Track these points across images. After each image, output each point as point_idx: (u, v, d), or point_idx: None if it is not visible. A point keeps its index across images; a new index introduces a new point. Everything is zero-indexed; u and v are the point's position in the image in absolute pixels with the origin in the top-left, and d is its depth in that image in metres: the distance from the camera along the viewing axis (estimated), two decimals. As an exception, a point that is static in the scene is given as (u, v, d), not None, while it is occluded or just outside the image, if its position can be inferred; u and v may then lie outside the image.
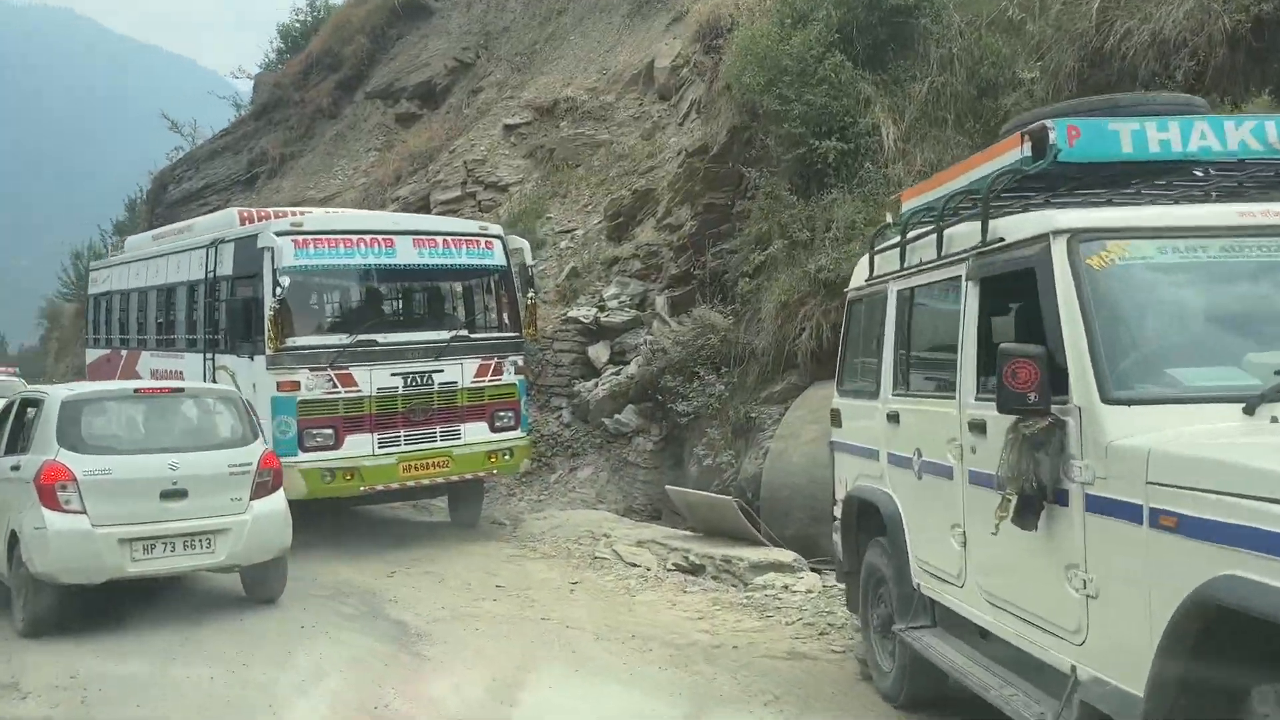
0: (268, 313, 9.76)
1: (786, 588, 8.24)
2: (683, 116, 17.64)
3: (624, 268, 15.48)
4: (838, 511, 6.45)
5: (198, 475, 7.52)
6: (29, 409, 8.11)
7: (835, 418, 6.58)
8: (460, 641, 7.10)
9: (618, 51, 20.03)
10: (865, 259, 6.35)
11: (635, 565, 9.31)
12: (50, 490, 7.13)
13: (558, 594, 8.45)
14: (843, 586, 6.75)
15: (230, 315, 10.46)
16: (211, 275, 11.27)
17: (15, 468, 7.68)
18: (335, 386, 10.01)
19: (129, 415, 8.13)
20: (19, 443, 7.99)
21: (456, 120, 21.49)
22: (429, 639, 7.13)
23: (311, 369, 9.92)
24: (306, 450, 9.89)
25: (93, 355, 16.02)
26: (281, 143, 24.52)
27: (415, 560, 9.89)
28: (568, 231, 17.05)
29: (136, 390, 8.66)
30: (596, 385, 14.00)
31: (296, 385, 9.90)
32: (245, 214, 11.75)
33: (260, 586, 8.12)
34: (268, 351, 9.90)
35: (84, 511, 7.14)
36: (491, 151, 19.57)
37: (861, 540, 6.10)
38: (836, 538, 6.48)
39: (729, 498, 9.71)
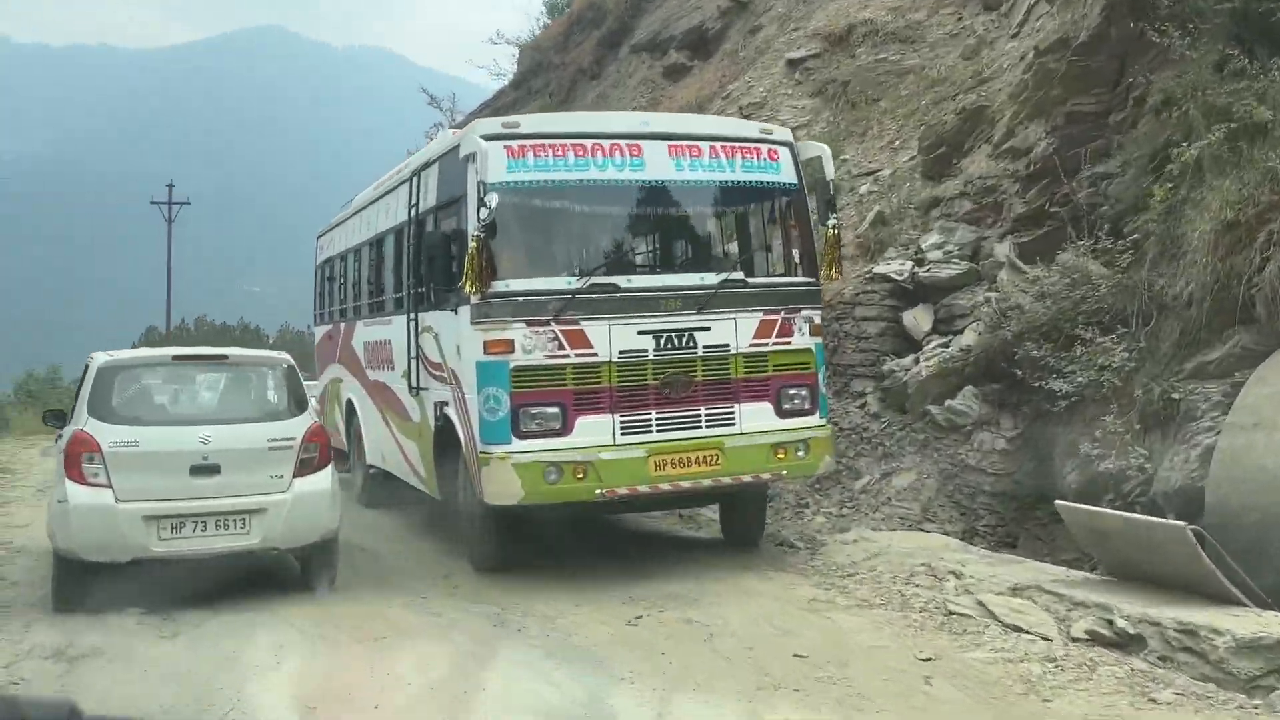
0: (470, 244, 7.00)
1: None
2: (1017, 25, 13.63)
3: (948, 210, 11.76)
4: None
5: (232, 449, 6.89)
6: None
7: None
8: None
9: (925, -38, 16.24)
10: None
11: (1021, 630, 5.70)
12: (75, 461, 6.67)
13: (903, 683, 5.00)
14: None
15: (431, 256, 7.80)
16: (415, 211, 8.74)
17: (59, 438, 7.24)
18: (562, 348, 7.11)
19: (166, 384, 7.58)
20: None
21: (731, 65, 18.47)
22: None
23: (530, 323, 7.07)
24: (523, 436, 7.06)
25: (318, 334, 14.24)
26: (540, 109, 22.58)
27: (670, 598, 6.77)
28: (869, 174, 13.52)
29: (175, 357, 8.02)
30: (918, 362, 10.38)
31: (509, 346, 7.08)
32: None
33: (307, 574, 7.37)
34: (471, 299, 7.16)
35: (109, 485, 6.63)
36: (772, 93, 16.35)
37: None
38: None
39: (1181, 524, 5.86)
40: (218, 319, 63.41)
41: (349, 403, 11.68)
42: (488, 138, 7.18)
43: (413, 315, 8.64)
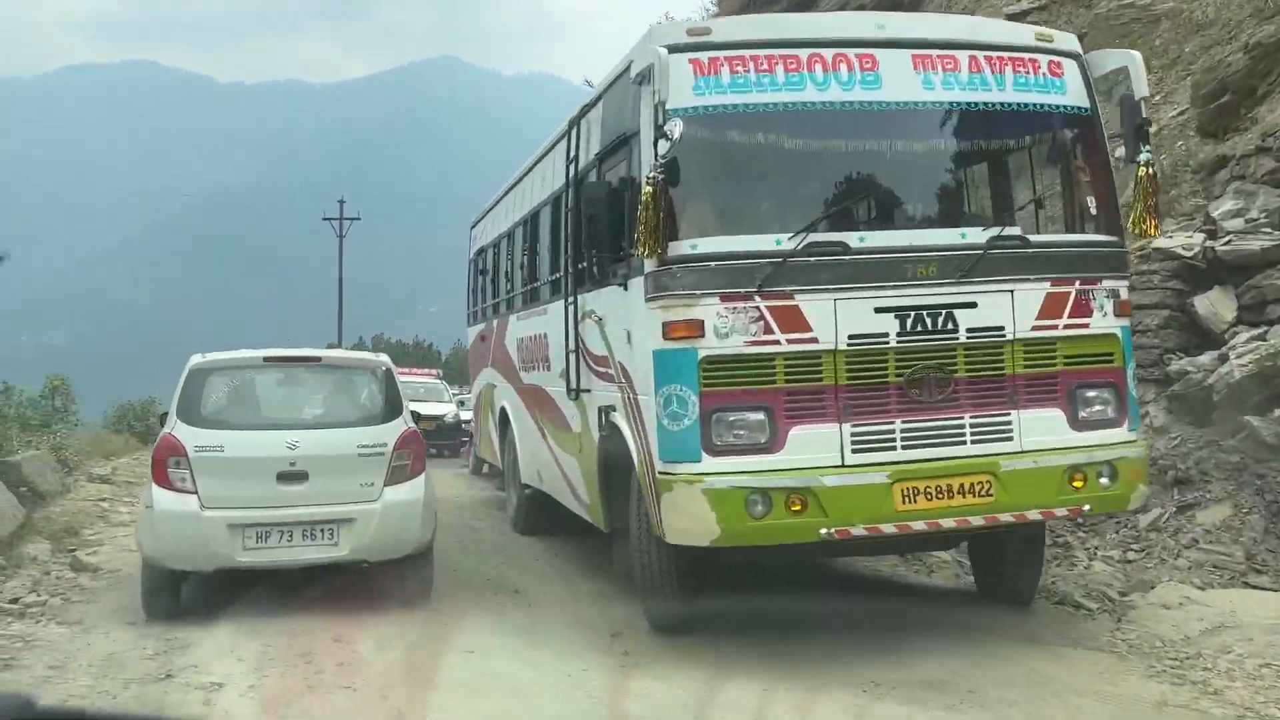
0: (644, 191, 5.15)
1: None
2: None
3: (1241, 170, 9.19)
4: None
5: (320, 456, 6.53)
6: None
7: None
8: None
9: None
10: None
11: None
12: (162, 465, 6.47)
13: None
14: None
15: (592, 214, 5.94)
16: (575, 166, 6.97)
17: None
18: (769, 331, 5.15)
19: (256, 386, 7.32)
20: None
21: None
22: None
23: (725, 297, 5.15)
24: (717, 452, 5.13)
25: (471, 336, 12.74)
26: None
27: (930, 687, 4.68)
28: (1125, 134, 10.99)
29: (267, 358, 7.31)
30: (1225, 360, 7.91)
31: (697, 328, 5.17)
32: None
33: (400, 588, 6.83)
34: (645, 267, 5.31)
35: (194, 491, 6.38)
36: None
37: None
38: None
39: None
40: (395, 338, 64.90)
41: (502, 411, 10.07)
42: (670, 49, 5.31)
43: (571, 299, 6.87)
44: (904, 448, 5.20)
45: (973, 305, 5.31)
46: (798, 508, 5.06)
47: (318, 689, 4.93)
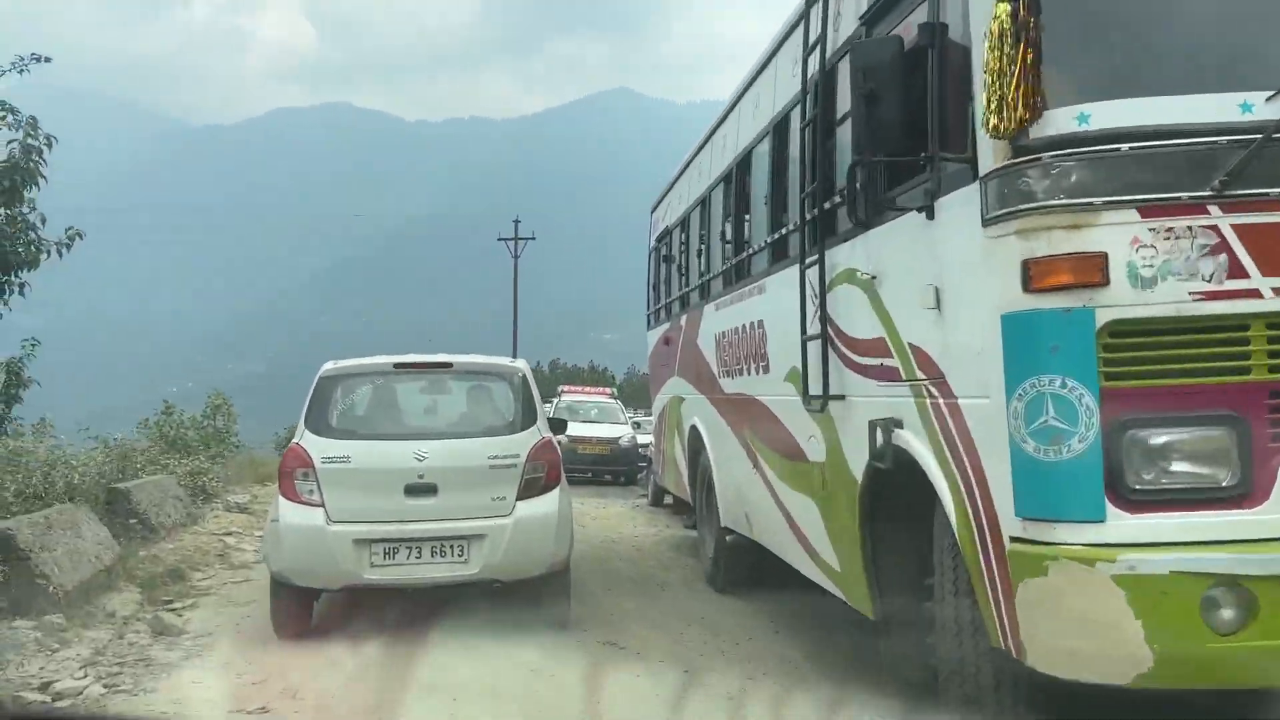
0: (995, 21, 2.81)
1: None
2: None
3: None
4: None
5: (450, 467, 6.12)
6: None
7: None
8: None
9: None
10: None
11: None
12: (289, 477, 6.13)
13: None
14: None
15: (873, 92, 3.51)
16: (819, 54, 4.64)
17: None
18: (1239, 271, 2.72)
19: (385, 394, 6.82)
20: None
21: None
22: None
23: (1149, 209, 2.74)
24: (1142, 503, 2.74)
25: (651, 342, 10.52)
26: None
27: None
28: None
29: (397, 365, 6.77)
30: None
31: (1094, 268, 2.76)
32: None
33: (537, 609, 6.30)
34: (983, 163, 2.97)
35: (322, 505, 6.00)
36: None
37: None
38: None
39: None
40: (570, 362, 65.17)
41: (693, 431, 7.83)
42: None
43: (812, 259, 4.55)
44: None
45: None
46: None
47: None
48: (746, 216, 6.46)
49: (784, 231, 5.31)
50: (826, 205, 4.44)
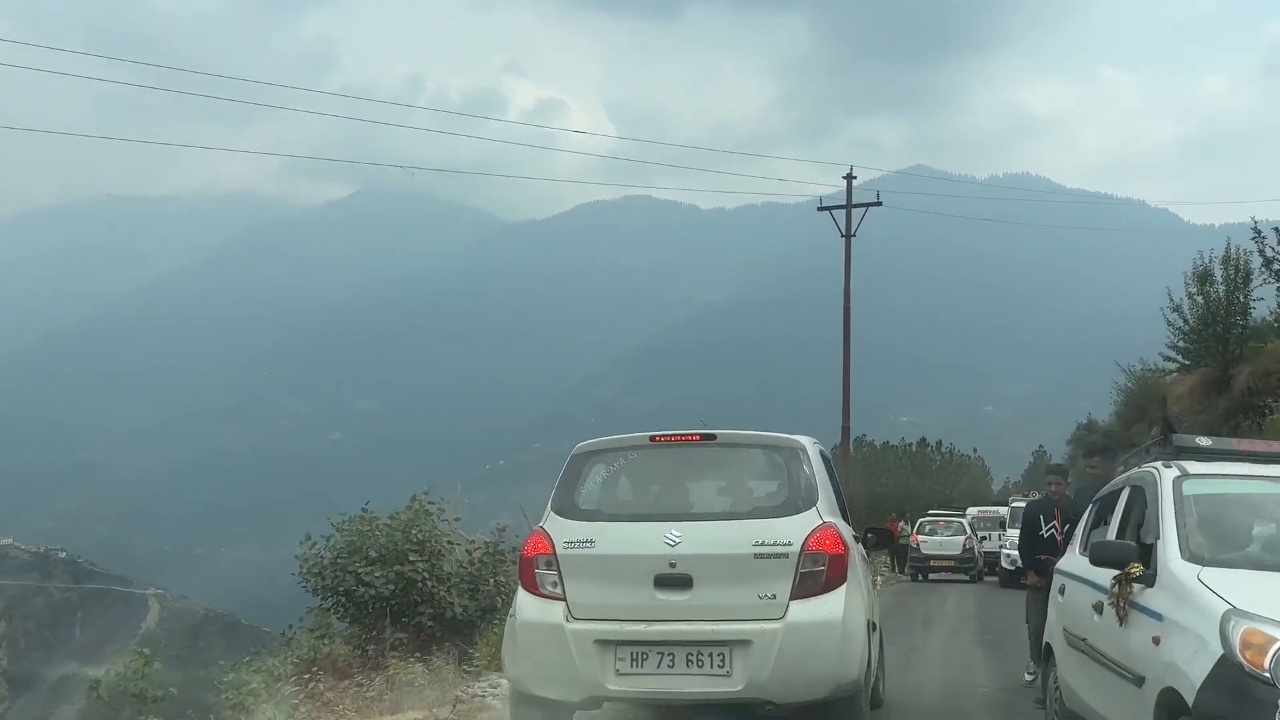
0: None
1: None
2: None
3: None
4: None
5: (707, 554, 5.25)
6: None
7: None
8: None
9: None
10: None
11: None
12: (529, 565, 5.48)
13: None
14: None
15: None
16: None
17: None
18: None
19: (637, 472, 5.98)
20: None
21: None
22: None
23: None
24: None
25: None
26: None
27: None
28: None
29: (654, 438, 5.99)
30: None
31: None
32: None
33: None
34: None
35: (563, 598, 5.33)
36: None
37: None
38: None
39: None
40: (879, 440, 60.20)
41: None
42: None
43: None
44: None
45: None
46: None
47: None
48: None
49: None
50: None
